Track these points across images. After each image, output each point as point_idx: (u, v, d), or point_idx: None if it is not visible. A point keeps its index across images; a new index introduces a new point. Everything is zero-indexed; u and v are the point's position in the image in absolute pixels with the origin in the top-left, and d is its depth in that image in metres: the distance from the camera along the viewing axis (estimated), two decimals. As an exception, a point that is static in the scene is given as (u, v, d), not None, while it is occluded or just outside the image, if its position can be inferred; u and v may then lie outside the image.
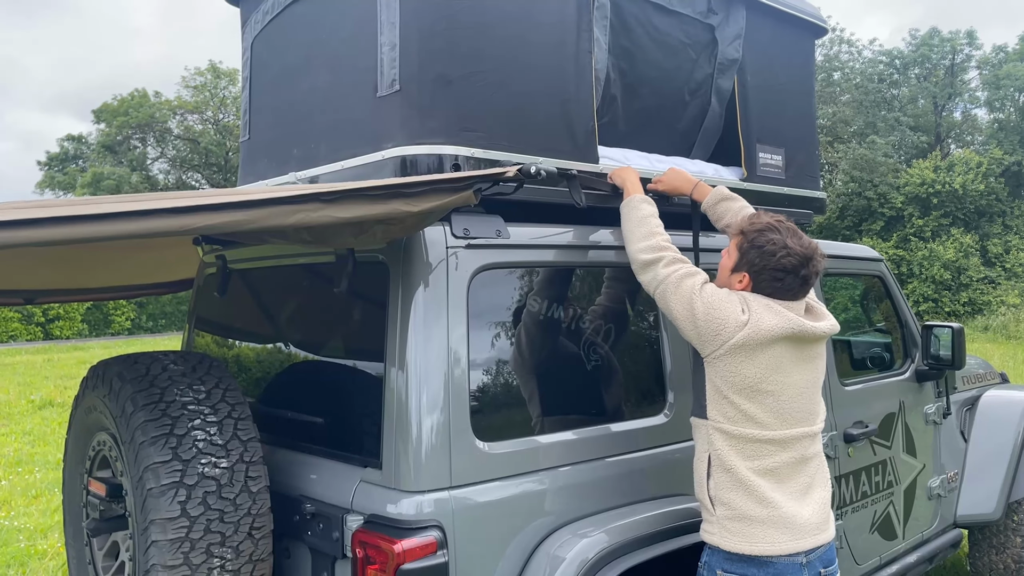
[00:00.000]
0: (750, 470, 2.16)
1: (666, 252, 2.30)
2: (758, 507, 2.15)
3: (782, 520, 2.15)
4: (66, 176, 38.40)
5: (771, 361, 2.16)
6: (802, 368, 2.22)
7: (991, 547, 4.06)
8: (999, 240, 25.45)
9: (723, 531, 2.19)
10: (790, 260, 2.18)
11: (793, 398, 2.19)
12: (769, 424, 2.17)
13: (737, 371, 2.16)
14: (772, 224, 2.24)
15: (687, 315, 2.20)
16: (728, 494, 2.19)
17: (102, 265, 3.48)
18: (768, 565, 2.15)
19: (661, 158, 2.97)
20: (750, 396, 2.16)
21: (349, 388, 2.44)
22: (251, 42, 3.16)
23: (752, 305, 2.18)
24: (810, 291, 2.28)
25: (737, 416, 2.18)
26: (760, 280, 2.22)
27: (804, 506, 2.20)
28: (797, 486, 2.21)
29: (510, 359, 2.34)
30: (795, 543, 2.16)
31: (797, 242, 2.20)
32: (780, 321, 2.15)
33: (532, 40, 2.51)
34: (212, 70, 38.18)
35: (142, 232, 1.54)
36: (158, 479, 2.03)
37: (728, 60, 3.19)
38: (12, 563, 5.18)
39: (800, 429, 2.21)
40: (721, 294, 2.20)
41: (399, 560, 1.94)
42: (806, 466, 2.23)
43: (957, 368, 3.72)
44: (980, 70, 30.32)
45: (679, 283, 2.22)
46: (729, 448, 2.18)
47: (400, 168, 2.35)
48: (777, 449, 2.18)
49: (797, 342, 2.20)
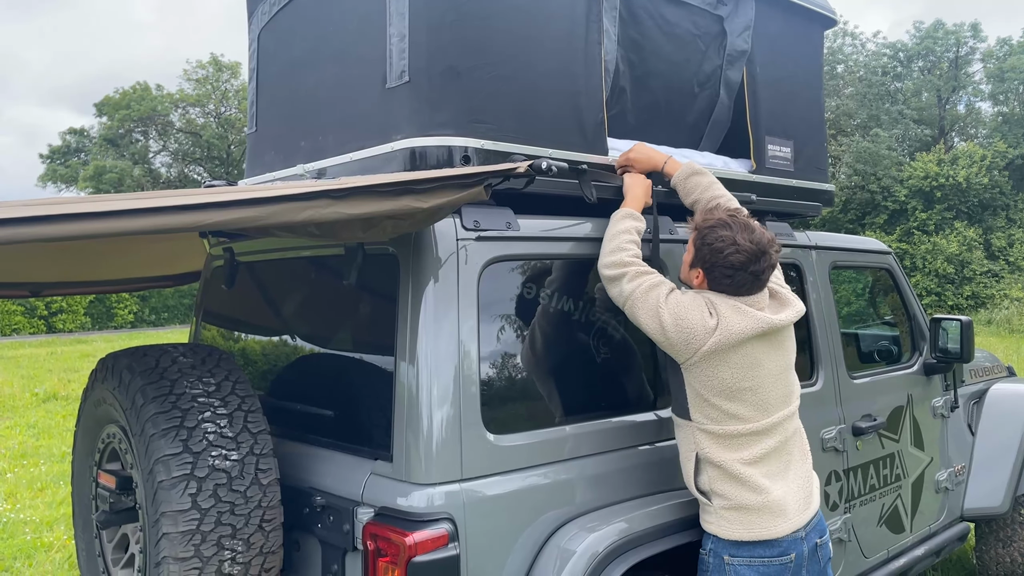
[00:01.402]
0: (739, 461, 2.22)
1: (629, 267, 2.29)
2: (753, 495, 2.22)
3: (776, 504, 2.22)
4: (68, 169, 38.40)
5: (745, 360, 2.19)
6: (774, 357, 2.26)
7: (998, 540, 4.05)
8: (1003, 234, 25.39)
9: (721, 520, 2.25)
10: (738, 257, 2.17)
11: (770, 387, 2.25)
12: (752, 417, 2.23)
13: (714, 375, 2.19)
14: (724, 220, 2.23)
15: (656, 327, 2.21)
16: (722, 486, 2.24)
17: (108, 258, 3.48)
18: (775, 545, 2.23)
19: (670, 150, 2.96)
20: (730, 396, 2.21)
21: (359, 380, 2.43)
22: (258, 34, 3.14)
23: (719, 308, 2.19)
24: (769, 281, 2.28)
25: (720, 416, 2.22)
26: (712, 276, 2.24)
27: (789, 483, 2.28)
28: (779, 465, 2.28)
29: (520, 351, 2.33)
30: (790, 523, 2.24)
31: (748, 237, 2.18)
32: (748, 322, 2.18)
33: (541, 31, 2.49)
34: (214, 63, 38.13)
35: (153, 228, 1.58)
36: (169, 471, 2.03)
37: (737, 52, 3.17)
38: (19, 555, 5.19)
39: (781, 413, 2.27)
40: (686, 301, 2.20)
41: (411, 552, 1.94)
42: (786, 444, 2.31)
43: (965, 361, 3.71)
44: (984, 63, 30.18)
45: (645, 296, 2.23)
46: (715, 445, 2.23)
47: (409, 160, 2.33)
48: (762, 438, 2.24)
49: (766, 337, 2.24)
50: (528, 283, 2.38)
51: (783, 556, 2.24)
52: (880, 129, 27.71)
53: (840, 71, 30.79)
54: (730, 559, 2.23)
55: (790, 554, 2.25)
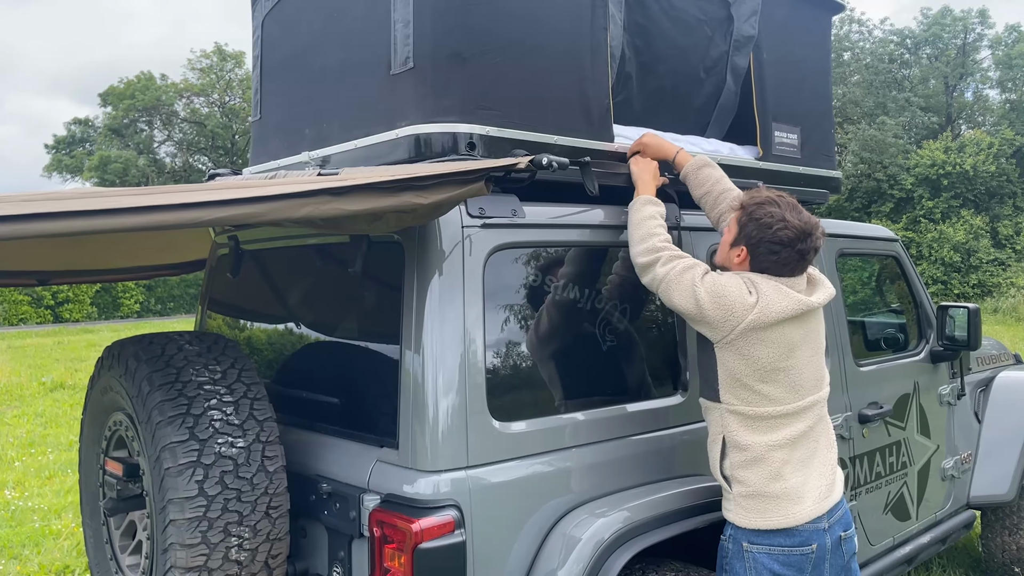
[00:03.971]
0: (766, 445, 2.20)
1: (662, 252, 2.29)
2: (772, 482, 2.19)
3: (795, 492, 2.19)
4: (73, 159, 38.45)
5: (782, 340, 2.18)
6: (808, 339, 2.24)
7: (1004, 528, 4.04)
8: (1009, 222, 25.27)
9: (738, 508, 2.23)
10: (787, 233, 2.17)
11: (803, 370, 2.22)
12: (784, 399, 2.20)
13: (751, 354, 2.16)
14: (772, 198, 2.24)
15: (693, 306, 2.19)
16: (742, 472, 2.22)
17: (114, 247, 3.48)
18: (795, 534, 2.19)
19: (676, 137, 2.94)
20: (765, 377, 2.18)
21: (364, 368, 2.43)
22: (262, 21, 3.13)
23: (760, 286, 2.17)
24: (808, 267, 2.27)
25: (753, 398, 2.19)
26: (757, 253, 2.22)
27: (811, 471, 2.24)
28: (805, 451, 2.25)
29: (526, 339, 2.33)
30: (807, 510, 2.19)
31: (796, 216, 2.20)
32: (788, 302, 2.16)
33: (547, 17, 2.47)
34: (218, 52, 38.08)
35: (154, 225, 1.63)
36: (175, 458, 2.04)
37: (744, 37, 3.15)
38: (27, 543, 5.23)
39: (812, 397, 2.25)
40: (724, 279, 2.19)
41: (417, 539, 1.94)
42: (814, 430, 2.27)
43: (973, 349, 3.69)
44: (992, 50, 29.98)
45: (679, 278, 2.22)
46: (743, 427, 2.21)
47: (414, 147, 2.33)
48: (792, 420, 2.21)
49: (803, 319, 2.22)
50: (533, 271, 2.37)
51: (804, 546, 2.19)
52: (887, 117, 27.56)
53: (847, 58, 30.60)
54: (749, 546, 2.21)
55: (811, 544, 2.20)
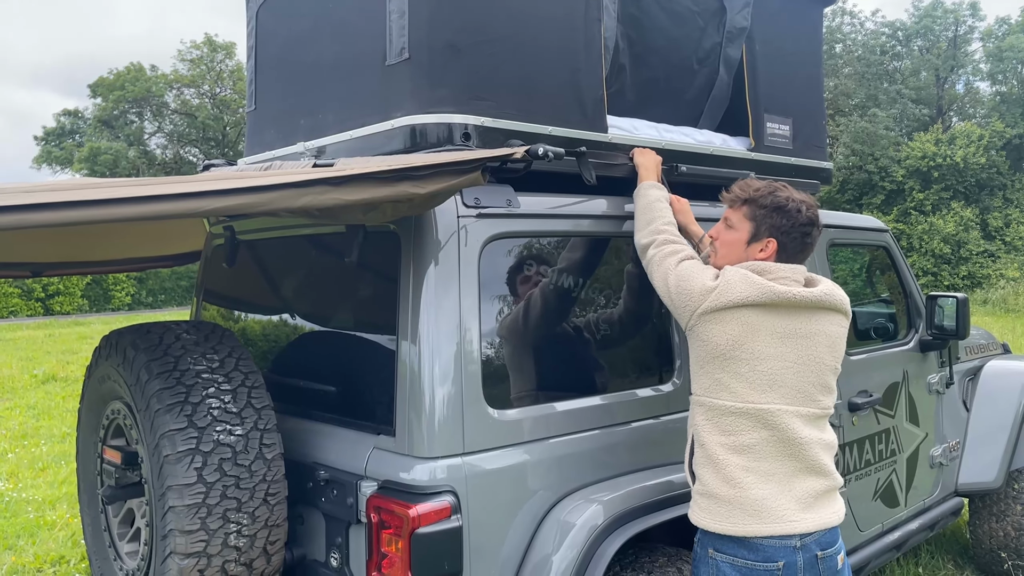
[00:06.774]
0: (722, 446, 2.10)
1: (660, 234, 2.33)
2: (724, 486, 2.08)
3: (749, 503, 2.05)
4: (63, 151, 38.18)
5: (741, 327, 2.08)
6: (790, 342, 2.09)
7: (991, 515, 4.10)
8: (999, 213, 25.43)
9: (695, 506, 2.18)
10: (812, 213, 2.21)
11: (774, 370, 2.08)
12: (741, 394, 2.08)
13: (708, 338, 2.12)
14: (775, 185, 2.25)
15: (664, 290, 2.25)
16: (701, 469, 2.16)
17: (107, 238, 3.48)
18: (757, 549, 2.06)
19: (669, 128, 2.96)
20: (722, 364, 2.10)
21: (361, 357, 2.45)
22: (256, 11, 3.13)
23: (728, 275, 2.13)
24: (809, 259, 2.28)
25: (712, 385, 2.13)
26: (791, 239, 2.18)
27: (785, 491, 2.07)
28: (782, 469, 2.08)
29: (521, 328, 2.35)
30: (767, 527, 2.05)
31: (801, 197, 2.23)
32: (750, 289, 2.08)
33: (541, 8, 2.49)
34: (208, 43, 37.81)
35: (154, 215, 1.63)
36: (174, 446, 2.05)
37: (736, 29, 3.17)
38: (22, 534, 5.23)
39: (781, 406, 2.07)
40: (696, 267, 2.20)
41: (414, 524, 1.97)
42: (797, 450, 2.08)
43: (961, 338, 3.74)
44: (983, 42, 30.08)
45: (662, 261, 2.27)
46: (706, 422, 2.14)
47: (410, 137, 2.34)
48: (753, 424, 2.07)
49: (775, 311, 2.09)
50: (529, 260, 2.39)
51: (768, 563, 2.05)
52: (878, 109, 27.65)
53: (838, 50, 30.65)
54: (714, 553, 2.12)
55: (776, 562, 2.05)
